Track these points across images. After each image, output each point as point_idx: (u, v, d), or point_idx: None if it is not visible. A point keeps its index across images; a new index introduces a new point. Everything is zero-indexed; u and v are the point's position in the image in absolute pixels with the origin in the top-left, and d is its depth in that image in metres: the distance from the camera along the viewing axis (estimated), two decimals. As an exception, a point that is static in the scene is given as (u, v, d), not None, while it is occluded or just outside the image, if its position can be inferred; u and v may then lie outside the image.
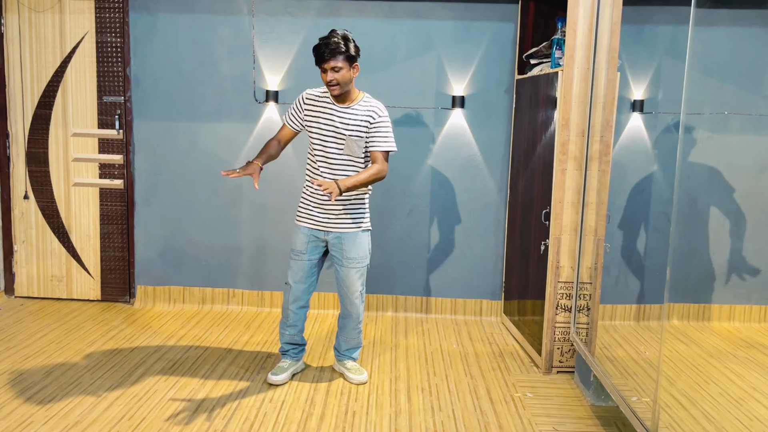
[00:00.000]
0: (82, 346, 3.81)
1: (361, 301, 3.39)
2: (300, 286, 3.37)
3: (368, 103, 3.20)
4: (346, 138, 3.18)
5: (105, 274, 4.64)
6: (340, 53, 3.05)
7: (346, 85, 3.13)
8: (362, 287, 3.37)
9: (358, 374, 3.42)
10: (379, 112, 3.19)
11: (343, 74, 3.09)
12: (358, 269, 3.30)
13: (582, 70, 3.41)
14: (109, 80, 4.44)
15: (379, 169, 3.18)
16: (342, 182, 3.09)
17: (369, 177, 3.15)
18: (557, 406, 3.22)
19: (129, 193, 4.55)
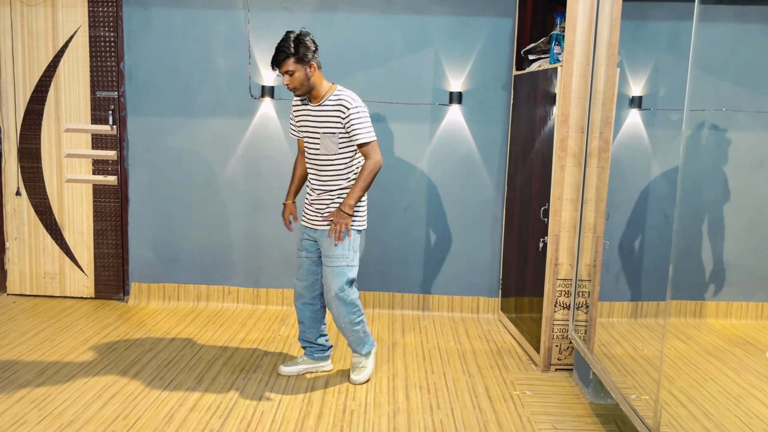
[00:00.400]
0: (76, 344, 3.76)
1: (342, 303, 3.19)
2: (300, 283, 3.35)
3: (338, 97, 3.09)
4: (321, 136, 3.13)
5: (99, 271, 4.59)
6: (287, 57, 3.03)
7: (304, 87, 3.09)
8: (339, 290, 3.16)
9: (355, 373, 3.37)
10: (348, 104, 3.06)
11: (297, 77, 3.05)
12: (332, 269, 3.16)
13: (581, 65, 3.38)
14: (102, 75, 4.39)
15: (370, 168, 3.07)
16: (343, 205, 3.09)
17: (364, 182, 3.08)
18: (556, 404, 3.21)
19: (123, 189, 4.50)
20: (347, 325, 3.26)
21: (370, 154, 3.08)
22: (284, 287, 4.53)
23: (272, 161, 4.42)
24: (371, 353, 3.43)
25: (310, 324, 3.39)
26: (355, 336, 3.34)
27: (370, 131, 3.09)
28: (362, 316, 3.31)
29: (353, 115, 3.05)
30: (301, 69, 3.05)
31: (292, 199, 3.41)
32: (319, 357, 3.45)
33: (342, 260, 3.17)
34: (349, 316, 3.24)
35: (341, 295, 3.18)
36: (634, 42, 3.74)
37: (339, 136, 3.10)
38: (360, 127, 3.06)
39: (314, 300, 3.36)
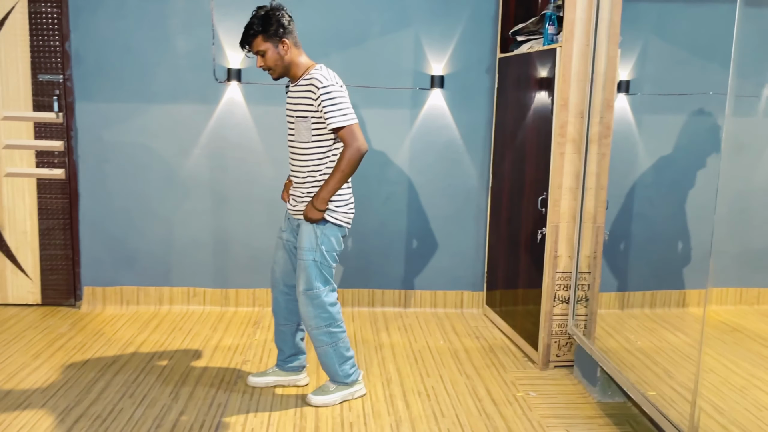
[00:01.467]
0: (26, 359, 3.34)
1: (310, 302, 2.82)
2: (276, 267, 3.01)
3: (311, 75, 2.72)
4: (295, 120, 2.80)
5: (45, 274, 4.13)
6: (255, 35, 2.70)
7: (279, 68, 2.76)
8: (306, 287, 2.81)
9: (315, 392, 2.96)
10: (319, 83, 2.67)
11: (270, 56, 2.73)
12: (301, 262, 2.81)
13: (581, 46, 3.20)
14: (44, 56, 3.92)
15: (347, 156, 2.68)
16: (315, 198, 2.74)
17: (341, 172, 2.70)
18: (563, 405, 3.04)
19: (71, 183, 4.05)
20: (312, 329, 2.85)
21: (348, 140, 2.68)
22: (255, 287, 4.20)
23: (240, 150, 4.06)
24: (344, 390, 2.96)
25: (285, 316, 3.02)
26: (322, 348, 2.88)
27: (346, 113, 2.69)
28: (335, 329, 2.87)
29: (324, 96, 2.66)
30: (273, 48, 2.72)
31: (288, 188, 3.04)
32: (290, 368, 3.10)
33: (310, 254, 2.80)
34: (315, 320, 2.83)
35: (309, 293, 2.81)
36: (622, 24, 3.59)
37: (312, 121, 2.73)
38: (333, 108, 2.66)
39: (290, 289, 3.00)
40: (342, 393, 2.94)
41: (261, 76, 3.99)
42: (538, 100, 3.48)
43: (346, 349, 2.92)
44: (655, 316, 3.88)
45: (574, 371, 3.37)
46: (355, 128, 2.70)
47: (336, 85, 2.70)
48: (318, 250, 2.80)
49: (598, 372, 3.11)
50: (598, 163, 3.25)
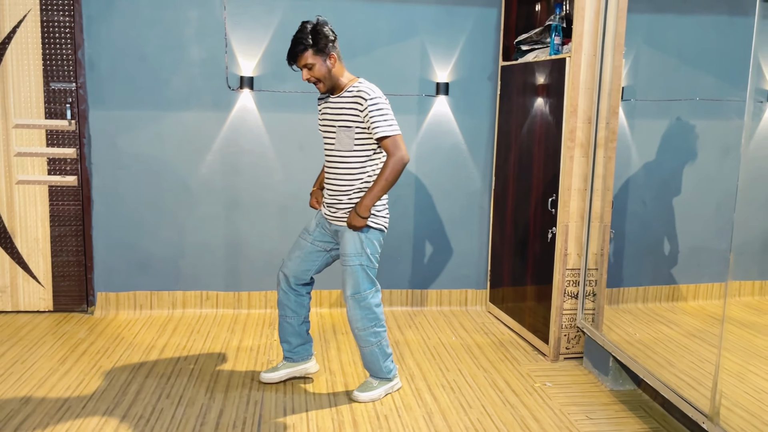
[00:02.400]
0: (53, 365, 3.38)
1: (357, 306, 2.97)
2: (290, 263, 3.11)
3: (357, 88, 2.88)
4: (336, 130, 2.93)
5: (57, 281, 4.16)
6: (304, 49, 2.83)
7: (326, 80, 2.89)
8: (354, 290, 2.96)
9: (360, 388, 3.10)
10: (366, 95, 2.83)
11: (318, 69, 2.85)
12: (347, 267, 2.97)
13: (588, 56, 3.40)
14: (57, 64, 3.95)
15: (392, 165, 2.83)
16: (359, 205, 2.88)
17: (385, 180, 2.84)
18: (579, 393, 3.23)
19: (84, 190, 4.09)
20: (359, 331, 3.02)
21: (391, 150, 2.84)
22: (267, 289, 4.29)
23: (252, 156, 4.16)
24: (386, 384, 3.12)
25: (294, 309, 3.13)
26: (368, 348, 3.04)
27: (391, 124, 2.85)
28: (380, 329, 3.03)
29: (372, 107, 2.82)
30: (321, 61, 2.85)
31: (319, 186, 3.18)
32: (299, 357, 3.22)
33: (356, 259, 2.96)
34: (363, 322, 3.00)
35: (356, 297, 2.98)
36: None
37: (355, 130, 2.88)
38: (380, 118, 2.82)
39: (299, 288, 3.13)
40: (385, 387, 3.09)
41: (273, 84, 4.10)
42: (546, 106, 3.67)
43: (387, 346, 3.08)
44: (648, 310, 4.11)
45: (584, 362, 3.57)
46: (399, 139, 2.86)
47: (382, 97, 2.87)
48: (364, 254, 2.95)
49: (611, 362, 3.31)
50: (605, 166, 3.46)
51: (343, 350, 3.69)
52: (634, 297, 4.08)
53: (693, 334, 3.93)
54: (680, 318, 4.08)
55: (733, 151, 4.17)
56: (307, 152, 4.17)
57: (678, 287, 4.23)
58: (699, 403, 2.69)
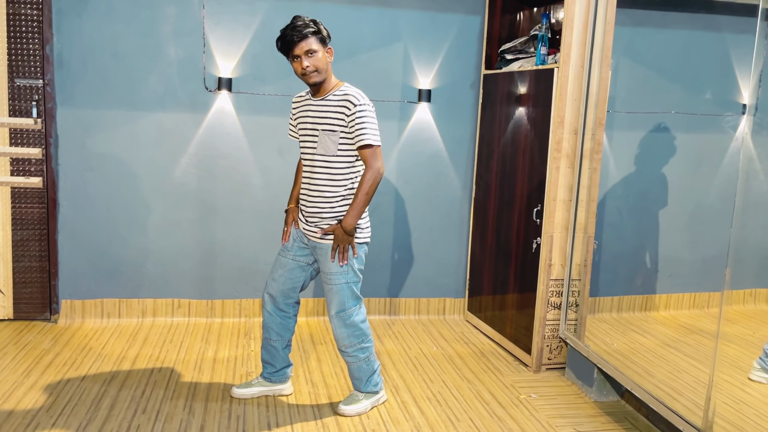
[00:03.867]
0: (17, 378, 3.19)
1: (342, 324, 2.89)
2: (275, 284, 2.99)
3: (344, 92, 2.77)
4: (319, 133, 2.82)
5: (18, 288, 3.94)
6: (312, 34, 2.71)
7: (323, 71, 2.76)
8: (339, 309, 2.88)
9: (345, 401, 3.01)
10: (356, 100, 2.73)
11: (319, 58, 2.72)
12: (331, 286, 2.86)
13: (576, 68, 3.41)
14: (23, 60, 3.75)
15: (370, 179, 2.74)
16: (344, 223, 2.77)
17: (365, 194, 2.76)
18: (565, 405, 3.22)
19: (50, 192, 3.89)
20: (347, 348, 2.94)
21: (370, 161, 2.75)
22: (242, 297, 4.17)
23: (229, 160, 4.03)
24: (372, 397, 3.04)
25: (278, 331, 3.03)
26: (354, 365, 2.98)
27: (376, 134, 2.76)
28: (367, 344, 2.95)
29: (359, 113, 2.72)
30: (323, 50, 2.75)
31: (295, 203, 3.06)
32: (277, 379, 3.11)
33: (341, 277, 2.85)
34: (350, 339, 2.91)
35: (342, 315, 2.89)
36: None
37: (340, 135, 2.78)
38: (365, 127, 2.72)
39: (287, 308, 3.02)
40: (371, 400, 3.01)
41: (252, 86, 3.99)
42: (531, 116, 3.67)
43: (375, 360, 3.01)
44: (622, 320, 4.15)
45: (566, 373, 3.57)
46: (379, 150, 2.77)
47: (369, 105, 2.77)
48: (350, 272, 2.85)
49: (595, 373, 3.31)
50: (590, 177, 3.47)
51: (323, 361, 3.60)
52: (609, 306, 4.12)
53: (668, 344, 3.97)
54: (654, 327, 4.13)
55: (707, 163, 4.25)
56: (287, 157, 4.07)
57: (651, 297, 4.28)
58: (689, 417, 2.70)
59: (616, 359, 3.33)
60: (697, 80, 4.01)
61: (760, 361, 3.15)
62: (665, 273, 4.28)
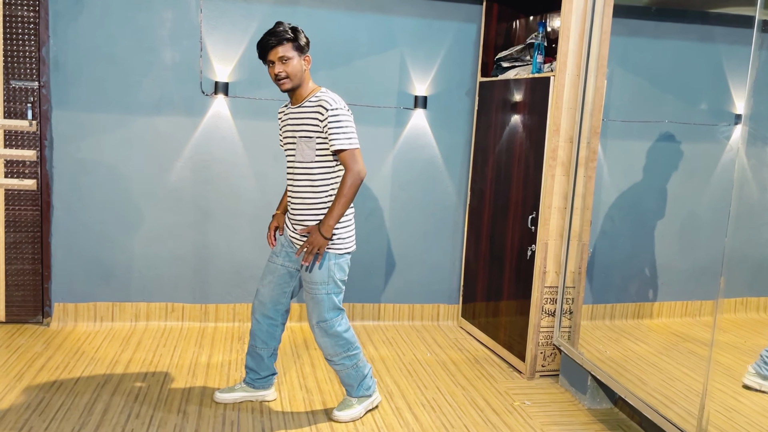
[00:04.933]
0: (9, 381, 3.17)
1: (324, 334, 2.87)
2: (265, 290, 2.98)
3: (318, 98, 2.75)
4: (297, 140, 2.81)
5: (11, 290, 3.92)
6: (287, 40, 2.71)
7: (297, 78, 2.76)
8: (319, 319, 2.85)
9: (339, 407, 3.02)
10: (328, 105, 2.70)
11: (293, 65, 2.72)
12: (312, 296, 2.85)
13: (572, 76, 3.43)
14: (18, 62, 3.74)
15: (349, 181, 2.71)
16: (322, 225, 2.74)
17: (344, 197, 2.72)
18: (558, 412, 3.23)
19: (44, 195, 3.87)
20: (333, 357, 2.93)
21: (349, 163, 2.72)
22: (235, 302, 4.16)
23: (224, 165, 4.03)
24: (365, 401, 3.04)
25: (264, 339, 3.02)
26: (343, 372, 2.97)
27: (350, 137, 2.72)
28: (353, 352, 2.93)
29: (332, 118, 2.69)
30: (298, 58, 2.74)
31: (282, 210, 3.04)
32: (260, 385, 3.10)
33: (322, 287, 2.83)
34: (334, 348, 2.90)
35: (322, 325, 2.86)
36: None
37: (316, 141, 2.76)
38: (338, 131, 2.70)
39: (276, 314, 3.01)
40: (364, 404, 3.00)
41: (248, 91, 3.99)
42: (527, 124, 3.68)
43: (364, 365, 2.99)
44: (615, 327, 4.17)
45: (560, 380, 3.58)
46: (357, 153, 2.74)
47: (343, 109, 2.75)
48: (331, 282, 2.83)
49: (589, 380, 3.33)
50: (585, 185, 3.49)
51: (317, 366, 3.59)
52: (602, 314, 4.13)
53: (660, 352, 4.00)
54: (647, 335, 4.15)
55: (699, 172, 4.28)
56: (282, 162, 4.07)
57: (643, 305, 4.30)
58: (683, 425, 2.71)
59: (609, 367, 3.35)
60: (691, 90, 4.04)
61: (756, 366, 3.17)
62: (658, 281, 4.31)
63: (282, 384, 3.33)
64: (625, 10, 3.63)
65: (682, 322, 4.28)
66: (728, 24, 3.84)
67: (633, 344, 4.04)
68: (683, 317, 4.31)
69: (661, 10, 4.02)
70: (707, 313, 4.22)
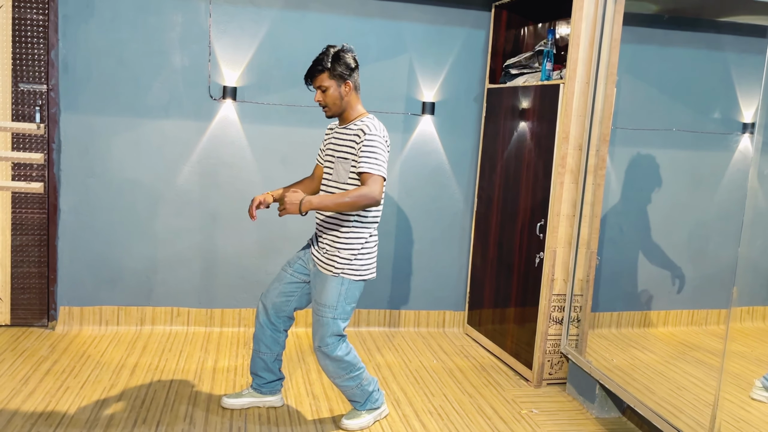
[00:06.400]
0: (15, 385, 3.15)
1: (326, 357, 2.84)
2: (269, 296, 2.98)
3: (362, 122, 2.78)
4: (335, 161, 2.83)
5: (17, 293, 3.91)
6: (321, 71, 2.75)
7: (336, 107, 2.80)
8: (321, 343, 2.82)
9: (347, 416, 3.01)
10: (367, 130, 2.72)
11: (330, 94, 2.76)
12: (318, 318, 2.83)
13: (582, 84, 3.43)
14: (27, 64, 3.74)
15: (359, 192, 2.64)
16: (305, 198, 2.66)
17: (343, 197, 2.64)
18: (567, 421, 3.21)
19: (51, 198, 3.87)
20: (336, 379, 2.93)
21: (368, 183, 2.66)
22: (242, 306, 4.15)
23: (232, 169, 4.03)
24: (374, 412, 3.03)
25: (268, 344, 3.01)
26: (349, 392, 2.96)
27: (378, 164, 2.69)
28: (356, 373, 2.91)
29: (367, 141, 2.70)
30: (335, 86, 2.76)
31: (276, 195, 2.96)
32: (267, 391, 3.10)
33: (329, 311, 2.81)
34: (336, 371, 2.89)
35: (324, 349, 2.84)
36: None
37: (351, 163, 2.78)
38: (369, 155, 2.69)
39: (277, 321, 3.00)
40: (373, 415, 2.99)
41: (256, 96, 3.99)
42: (535, 131, 3.68)
43: (368, 383, 2.97)
44: (621, 335, 4.15)
45: (567, 388, 3.56)
46: (380, 180, 2.68)
47: (381, 138, 2.74)
48: (339, 308, 2.81)
49: (597, 389, 3.31)
50: (594, 193, 3.48)
51: (323, 372, 3.57)
52: (609, 322, 4.12)
53: (668, 361, 3.98)
54: (653, 344, 4.14)
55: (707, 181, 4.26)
56: (289, 166, 4.07)
57: (650, 313, 4.28)
58: None
59: (617, 375, 3.33)
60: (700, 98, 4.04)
61: (763, 380, 3.16)
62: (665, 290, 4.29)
63: (288, 390, 3.32)
64: (635, 18, 3.63)
65: (688, 331, 4.26)
66: (738, 33, 3.84)
67: (640, 353, 4.02)
68: (689, 326, 4.29)
69: (672, 18, 4.01)
70: (713, 322, 4.21)
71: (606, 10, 3.34)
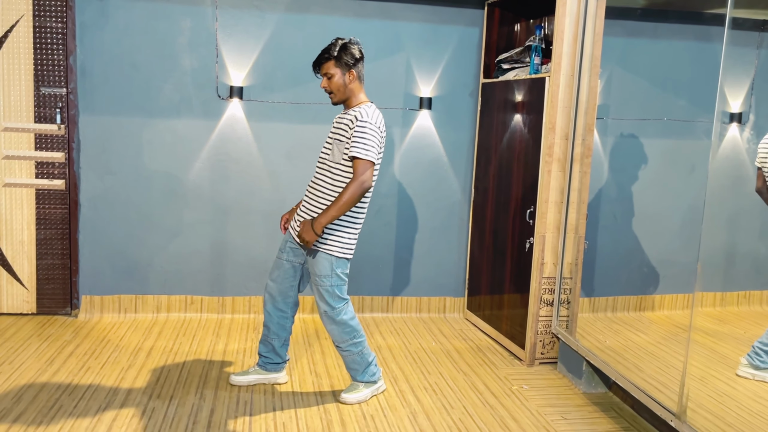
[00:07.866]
0: (41, 365, 3.42)
1: (332, 321, 3.09)
2: (274, 284, 3.22)
3: (359, 109, 2.99)
4: (332, 142, 3.07)
5: (42, 284, 4.18)
6: (327, 59, 3.00)
7: (341, 93, 3.03)
8: (327, 308, 3.08)
9: (346, 390, 3.22)
10: (360, 116, 2.94)
11: (335, 81, 3.00)
12: (317, 287, 3.09)
13: (567, 77, 3.60)
14: (48, 69, 4.01)
15: (351, 188, 2.87)
16: (315, 220, 2.93)
17: (341, 201, 2.88)
18: (555, 396, 3.39)
19: (71, 194, 4.14)
20: (340, 343, 3.15)
21: (357, 171, 2.89)
22: (252, 294, 4.39)
23: (240, 164, 4.26)
24: (371, 386, 3.24)
25: (276, 330, 3.25)
26: (349, 358, 3.18)
27: (368, 149, 2.90)
28: (359, 339, 3.15)
29: (358, 127, 2.92)
30: (340, 74, 3.00)
31: (295, 207, 3.31)
32: (273, 368, 3.33)
33: (326, 280, 3.06)
34: (341, 335, 3.12)
35: (330, 313, 3.09)
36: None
37: (345, 145, 2.99)
38: (360, 140, 2.90)
39: (285, 307, 3.24)
40: (371, 389, 3.21)
41: (262, 94, 4.22)
42: (525, 123, 3.86)
43: (369, 353, 3.21)
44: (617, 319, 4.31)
45: (558, 367, 3.74)
46: (368, 165, 2.89)
47: (373, 124, 2.95)
48: (334, 275, 3.06)
49: (584, 366, 3.49)
50: (580, 180, 3.66)
51: (327, 354, 3.80)
52: (605, 306, 4.28)
53: (660, 342, 4.13)
54: (647, 327, 4.29)
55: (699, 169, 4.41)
56: (294, 161, 4.30)
57: (645, 297, 4.44)
58: (667, 404, 2.87)
59: (606, 354, 3.51)
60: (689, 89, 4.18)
61: (748, 357, 3.30)
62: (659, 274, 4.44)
63: (293, 369, 3.54)
64: (618, 12, 3.79)
65: (683, 314, 4.40)
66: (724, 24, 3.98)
67: (633, 335, 4.18)
68: (684, 309, 4.43)
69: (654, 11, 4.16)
70: (708, 304, 4.35)
71: (588, 5, 3.52)
